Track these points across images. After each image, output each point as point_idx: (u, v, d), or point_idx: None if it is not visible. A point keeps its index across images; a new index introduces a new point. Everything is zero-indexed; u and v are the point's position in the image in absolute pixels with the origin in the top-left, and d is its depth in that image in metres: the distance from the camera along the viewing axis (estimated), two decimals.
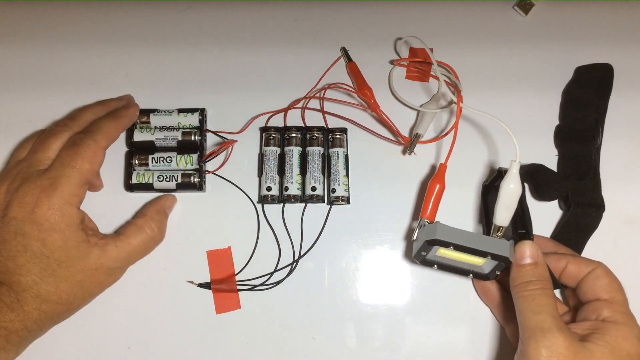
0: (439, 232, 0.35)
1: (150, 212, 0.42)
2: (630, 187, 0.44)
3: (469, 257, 0.36)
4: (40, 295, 0.36)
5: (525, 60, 0.47)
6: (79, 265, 0.37)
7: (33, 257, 0.36)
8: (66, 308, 0.38)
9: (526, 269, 0.35)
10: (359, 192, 0.44)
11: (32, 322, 0.36)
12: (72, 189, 0.37)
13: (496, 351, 0.41)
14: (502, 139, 0.45)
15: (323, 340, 0.42)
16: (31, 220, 0.36)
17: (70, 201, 0.37)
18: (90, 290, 0.38)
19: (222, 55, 0.48)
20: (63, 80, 0.47)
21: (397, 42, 0.48)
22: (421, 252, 0.37)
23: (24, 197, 0.36)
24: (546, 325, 0.32)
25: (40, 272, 0.36)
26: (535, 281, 0.34)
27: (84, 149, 0.38)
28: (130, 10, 0.49)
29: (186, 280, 0.42)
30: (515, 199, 0.36)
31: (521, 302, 0.34)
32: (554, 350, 0.31)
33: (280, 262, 0.43)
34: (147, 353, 0.41)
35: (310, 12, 0.49)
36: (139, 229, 0.40)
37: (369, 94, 0.44)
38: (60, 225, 0.36)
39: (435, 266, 0.38)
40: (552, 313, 0.32)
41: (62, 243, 0.36)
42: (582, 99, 0.44)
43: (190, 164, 0.44)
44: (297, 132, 0.44)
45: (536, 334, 0.32)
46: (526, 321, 0.33)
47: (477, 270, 0.37)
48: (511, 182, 0.35)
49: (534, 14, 0.49)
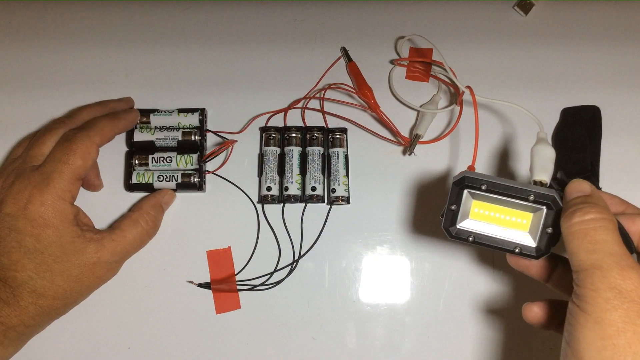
0: (468, 173, 0.30)
1: (146, 206, 0.42)
2: (629, 187, 0.44)
3: (508, 214, 0.30)
4: (36, 291, 0.36)
5: (525, 60, 0.47)
6: (75, 260, 0.37)
7: (27, 252, 0.36)
8: (63, 303, 0.38)
9: (576, 200, 0.28)
10: (359, 192, 0.44)
11: (29, 317, 0.36)
12: (64, 185, 0.37)
13: (497, 351, 0.41)
14: (509, 130, 0.45)
15: (323, 340, 0.42)
16: (24, 216, 0.36)
17: (63, 196, 0.37)
18: (87, 285, 0.38)
19: (222, 55, 0.48)
20: (63, 80, 0.47)
21: (397, 42, 0.48)
22: (450, 206, 0.31)
23: (17, 194, 0.36)
24: (605, 264, 0.25)
25: (36, 267, 0.36)
26: (585, 208, 0.27)
27: (77, 144, 0.38)
28: (130, 10, 0.49)
29: (186, 280, 0.42)
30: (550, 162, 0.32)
31: (571, 240, 0.27)
32: (620, 290, 0.25)
33: (280, 262, 0.43)
34: (147, 353, 0.41)
35: (310, 12, 0.49)
36: (134, 223, 0.40)
37: (369, 94, 0.45)
38: (53, 220, 0.36)
39: (471, 238, 0.31)
40: (612, 250, 0.26)
41: (56, 238, 0.36)
42: (575, 141, 0.43)
43: (190, 164, 0.44)
44: (297, 132, 0.44)
45: (594, 274, 0.25)
46: (579, 262, 0.26)
47: (523, 241, 0.31)
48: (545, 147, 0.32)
49: (534, 14, 0.49)
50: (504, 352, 0.41)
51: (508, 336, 0.41)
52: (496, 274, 0.42)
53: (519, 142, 0.45)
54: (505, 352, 0.41)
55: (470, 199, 0.31)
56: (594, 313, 0.25)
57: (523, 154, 0.44)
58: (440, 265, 0.43)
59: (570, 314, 0.27)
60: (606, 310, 0.25)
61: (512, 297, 0.42)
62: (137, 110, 0.44)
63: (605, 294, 0.25)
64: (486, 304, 0.42)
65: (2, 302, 0.35)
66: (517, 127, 0.45)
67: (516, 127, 0.45)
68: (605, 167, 0.44)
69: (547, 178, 0.31)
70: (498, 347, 0.41)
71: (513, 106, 0.35)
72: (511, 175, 0.44)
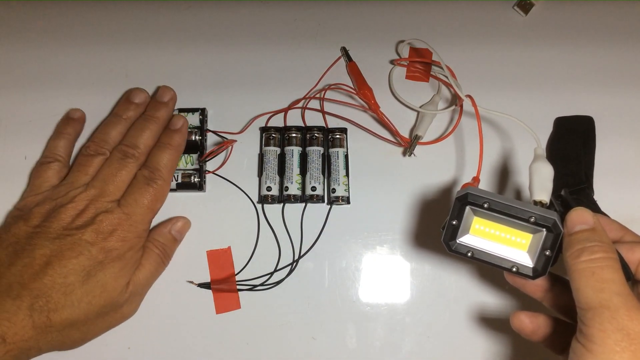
0: (472, 190, 0.31)
1: (153, 234, 0.41)
2: (630, 187, 0.44)
3: (508, 232, 0.31)
4: (69, 319, 0.35)
5: (525, 60, 0.47)
6: (114, 298, 0.37)
7: (84, 278, 0.36)
8: (81, 338, 0.38)
9: (580, 235, 0.28)
10: (359, 192, 0.44)
11: (47, 345, 0.36)
12: (145, 226, 0.39)
13: (497, 351, 0.41)
14: (506, 138, 0.45)
15: (323, 340, 0.42)
16: (102, 247, 0.36)
17: (142, 236, 0.39)
18: (110, 323, 0.39)
19: (222, 55, 0.48)
20: (63, 80, 0.47)
21: (398, 43, 0.48)
22: (452, 221, 0.31)
23: (100, 224, 0.37)
24: (613, 305, 0.26)
25: (80, 297, 0.36)
26: (593, 248, 0.27)
27: (159, 191, 0.40)
28: (130, 10, 0.49)
29: (186, 280, 0.42)
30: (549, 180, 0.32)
31: (577, 278, 0.27)
32: (628, 332, 0.25)
33: (280, 262, 0.43)
34: (147, 353, 0.41)
35: (310, 12, 0.49)
36: (146, 251, 0.40)
37: (369, 94, 0.45)
38: (126, 255, 0.38)
39: (470, 254, 0.32)
40: (619, 290, 0.26)
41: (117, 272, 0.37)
42: (569, 152, 0.43)
43: (190, 164, 0.44)
44: (297, 132, 0.44)
45: (602, 314, 0.26)
46: (587, 300, 0.26)
47: (521, 261, 0.31)
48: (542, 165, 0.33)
49: (534, 14, 0.49)
50: (504, 351, 0.41)
51: (508, 336, 0.41)
52: (497, 274, 0.42)
53: (516, 145, 0.45)
54: (506, 352, 0.41)
55: (472, 215, 0.31)
56: (601, 354, 0.25)
57: (521, 156, 0.44)
58: (440, 265, 0.43)
59: (575, 353, 0.27)
60: (615, 352, 0.25)
61: (512, 297, 0.42)
62: (183, 117, 0.44)
63: (614, 336, 0.25)
64: (486, 303, 0.42)
65: (33, 327, 0.34)
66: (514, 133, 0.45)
67: (513, 135, 0.45)
68: (602, 171, 0.44)
69: (547, 197, 0.32)
70: (498, 347, 0.41)
71: (511, 118, 0.36)
72: (508, 181, 0.44)
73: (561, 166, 0.42)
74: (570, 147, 0.43)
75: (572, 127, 0.44)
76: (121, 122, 0.42)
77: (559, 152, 0.43)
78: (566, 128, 0.45)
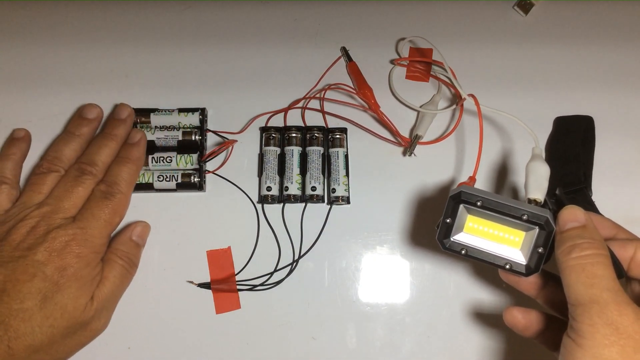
0: (465, 188, 0.31)
1: (114, 244, 0.40)
2: (629, 187, 0.44)
3: (501, 230, 0.31)
4: (32, 346, 0.34)
5: (525, 59, 0.47)
6: (79, 318, 0.36)
7: (42, 302, 0.34)
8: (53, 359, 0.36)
9: (571, 232, 0.29)
10: (359, 192, 0.44)
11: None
12: (103, 241, 0.38)
13: (497, 351, 0.41)
14: (506, 138, 0.45)
15: (323, 340, 0.42)
16: (55, 266, 0.35)
17: (100, 251, 0.38)
18: (80, 342, 0.38)
19: (222, 55, 0.48)
20: (63, 80, 0.47)
21: (398, 42, 0.48)
22: (446, 219, 0.32)
23: (52, 242, 0.36)
24: (602, 300, 0.26)
25: (41, 321, 0.34)
26: (583, 245, 0.28)
27: (116, 204, 0.39)
28: (130, 10, 0.49)
29: (186, 280, 0.42)
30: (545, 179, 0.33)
31: (568, 274, 0.28)
32: (617, 326, 0.25)
33: (280, 262, 0.43)
34: (147, 353, 0.41)
35: (310, 12, 0.49)
36: (108, 263, 0.39)
37: (369, 94, 0.45)
38: (81, 273, 0.36)
39: (464, 251, 0.32)
40: (609, 286, 0.27)
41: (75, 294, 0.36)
42: (568, 152, 0.43)
43: (190, 164, 0.44)
44: (297, 132, 0.44)
45: (591, 309, 0.26)
46: (577, 296, 0.27)
47: (514, 258, 0.32)
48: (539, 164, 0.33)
49: (534, 14, 0.49)
50: (504, 351, 0.41)
51: (508, 336, 0.41)
52: (496, 273, 0.42)
53: (516, 145, 0.45)
54: (506, 352, 0.41)
55: (465, 213, 0.32)
56: (591, 349, 0.26)
57: (520, 155, 0.44)
58: (440, 265, 0.43)
59: (565, 348, 0.27)
60: (604, 346, 0.25)
61: (512, 296, 0.42)
62: (141, 130, 0.43)
63: (604, 330, 0.25)
64: (486, 303, 0.42)
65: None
66: (514, 133, 0.45)
67: (512, 134, 0.45)
68: (601, 171, 0.44)
69: (542, 196, 0.32)
70: (498, 346, 0.41)
71: (512, 117, 0.36)
72: (505, 178, 0.44)
73: (560, 166, 0.42)
74: (570, 147, 0.43)
75: (571, 127, 0.44)
76: (74, 139, 0.42)
77: (558, 152, 0.43)
78: (565, 128, 0.45)
